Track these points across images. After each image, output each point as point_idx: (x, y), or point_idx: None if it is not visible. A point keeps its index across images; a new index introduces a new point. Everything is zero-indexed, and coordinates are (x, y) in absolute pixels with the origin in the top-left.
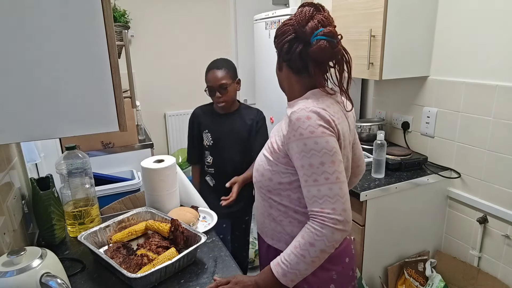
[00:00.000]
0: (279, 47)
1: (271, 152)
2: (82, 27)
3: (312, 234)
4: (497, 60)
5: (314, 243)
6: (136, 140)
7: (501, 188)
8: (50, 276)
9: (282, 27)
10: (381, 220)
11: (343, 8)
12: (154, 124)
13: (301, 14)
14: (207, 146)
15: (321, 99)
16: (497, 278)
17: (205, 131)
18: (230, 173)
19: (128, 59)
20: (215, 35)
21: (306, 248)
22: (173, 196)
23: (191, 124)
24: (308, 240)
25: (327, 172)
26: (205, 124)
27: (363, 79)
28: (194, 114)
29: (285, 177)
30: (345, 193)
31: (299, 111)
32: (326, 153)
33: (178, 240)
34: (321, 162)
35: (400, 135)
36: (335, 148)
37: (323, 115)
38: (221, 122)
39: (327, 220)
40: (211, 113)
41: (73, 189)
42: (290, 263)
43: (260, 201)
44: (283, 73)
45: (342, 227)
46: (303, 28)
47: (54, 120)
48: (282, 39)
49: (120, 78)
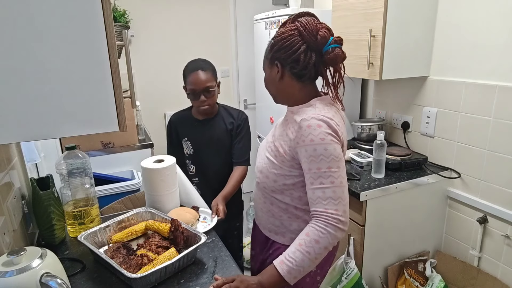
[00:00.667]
0: (286, 58)
1: (276, 155)
2: (82, 27)
3: (318, 232)
4: (497, 60)
5: (319, 240)
6: (136, 140)
7: (501, 188)
8: (50, 276)
9: (286, 38)
10: (381, 220)
11: (343, 8)
12: (154, 124)
13: (309, 24)
14: (188, 155)
15: (327, 107)
16: (497, 278)
17: (184, 139)
18: (214, 181)
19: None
20: (215, 35)
21: (311, 245)
22: (173, 196)
23: (169, 132)
24: (314, 237)
25: (333, 176)
26: (183, 133)
27: (363, 79)
28: (171, 122)
29: (289, 178)
30: (346, 196)
31: (309, 119)
32: (333, 159)
33: (178, 240)
34: (329, 167)
35: (400, 135)
36: (340, 155)
37: (331, 125)
38: (200, 130)
39: (330, 219)
40: (189, 120)
41: (73, 189)
42: (296, 260)
43: (262, 198)
44: (284, 82)
45: (343, 226)
46: (315, 38)
47: (54, 120)
48: (292, 51)
49: (120, 78)
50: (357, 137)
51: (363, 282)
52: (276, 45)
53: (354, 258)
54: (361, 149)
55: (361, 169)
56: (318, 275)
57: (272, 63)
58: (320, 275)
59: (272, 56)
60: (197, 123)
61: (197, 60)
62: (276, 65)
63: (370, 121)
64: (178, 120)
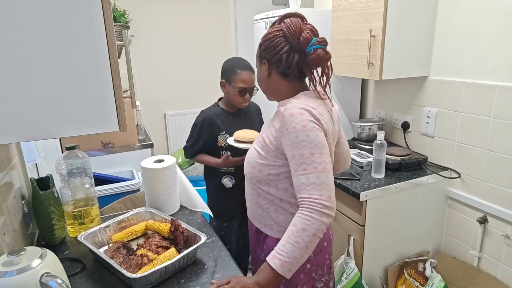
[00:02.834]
0: (271, 58)
1: (262, 146)
2: (82, 27)
3: (303, 220)
4: (497, 60)
5: (306, 228)
6: (136, 140)
7: (501, 188)
8: (50, 276)
9: (271, 38)
10: (381, 220)
11: (343, 8)
12: (154, 124)
13: (292, 26)
14: (224, 147)
15: (311, 99)
16: (497, 278)
17: (222, 133)
18: None
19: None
20: (215, 35)
21: (299, 234)
22: (173, 196)
23: (201, 128)
24: (300, 226)
25: (316, 162)
26: (222, 127)
27: (363, 79)
28: (207, 119)
29: (273, 169)
30: (331, 182)
31: (292, 108)
32: (316, 145)
33: (178, 240)
34: (311, 153)
35: (400, 135)
36: (323, 142)
37: (313, 113)
38: (237, 120)
39: (314, 204)
40: (224, 115)
41: (73, 189)
42: (286, 252)
43: (250, 190)
44: (272, 79)
45: (328, 211)
46: (298, 39)
47: (54, 120)
48: (276, 51)
49: (120, 78)
50: (357, 137)
51: (363, 282)
52: (263, 44)
53: (354, 258)
54: (361, 149)
55: (361, 169)
56: (313, 271)
57: (260, 62)
58: (315, 271)
59: (260, 55)
60: (231, 116)
61: (243, 60)
62: (264, 64)
63: (370, 121)
64: (214, 115)
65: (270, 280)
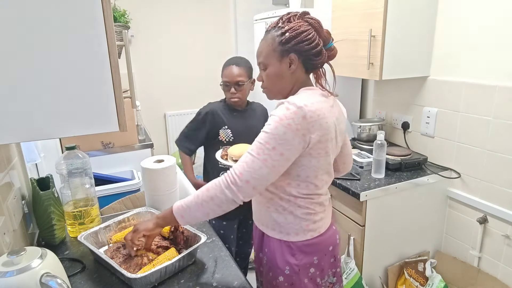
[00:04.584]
0: (307, 51)
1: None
2: (82, 27)
3: (213, 182)
4: (497, 60)
5: (209, 189)
6: (136, 140)
7: (501, 188)
8: (50, 276)
9: (306, 31)
10: (381, 220)
11: (343, 8)
12: (154, 124)
13: (317, 22)
14: (225, 142)
15: (312, 95)
16: (497, 278)
17: (224, 127)
18: None
19: (128, 59)
20: (215, 35)
21: (202, 190)
22: (173, 196)
23: (205, 117)
24: (208, 185)
25: (263, 151)
26: (225, 121)
27: (363, 79)
28: (211, 110)
29: None
30: (260, 173)
31: (284, 102)
32: (275, 138)
33: (178, 240)
34: (267, 142)
35: (400, 135)
36: (288, 142)
37: (299, 111)
38: (240, 118)
39: (229, 176)
40: (229, 109)
41: (73, 189)
42: (187, 200)
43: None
44: (295, 74)
45: (235, 188)
46: (321, 32)
47: (54, 120)
48: (315, 44)
49: (120, 78)
50: (357, 137)
51: (363, 282)
52: (297, 37)
53: (354, 258)
54: (361, 149)
55: (361, 169)
56: (318, 276)
57: (285, 55)
58: (320, 277)
59: (289, 49)
60: (236, 112)
61: (236, 57)
62: (289, 58)
63: (370, 121)
64: (218, 108)
65: (166, 218)
